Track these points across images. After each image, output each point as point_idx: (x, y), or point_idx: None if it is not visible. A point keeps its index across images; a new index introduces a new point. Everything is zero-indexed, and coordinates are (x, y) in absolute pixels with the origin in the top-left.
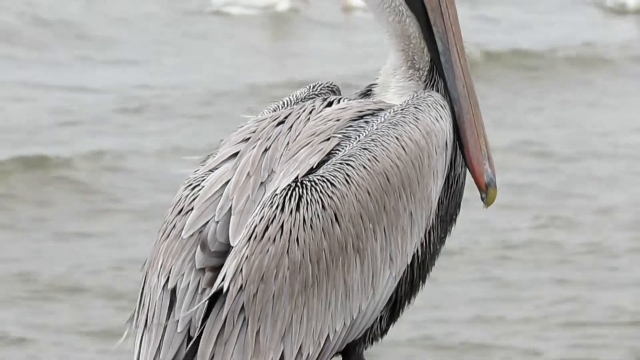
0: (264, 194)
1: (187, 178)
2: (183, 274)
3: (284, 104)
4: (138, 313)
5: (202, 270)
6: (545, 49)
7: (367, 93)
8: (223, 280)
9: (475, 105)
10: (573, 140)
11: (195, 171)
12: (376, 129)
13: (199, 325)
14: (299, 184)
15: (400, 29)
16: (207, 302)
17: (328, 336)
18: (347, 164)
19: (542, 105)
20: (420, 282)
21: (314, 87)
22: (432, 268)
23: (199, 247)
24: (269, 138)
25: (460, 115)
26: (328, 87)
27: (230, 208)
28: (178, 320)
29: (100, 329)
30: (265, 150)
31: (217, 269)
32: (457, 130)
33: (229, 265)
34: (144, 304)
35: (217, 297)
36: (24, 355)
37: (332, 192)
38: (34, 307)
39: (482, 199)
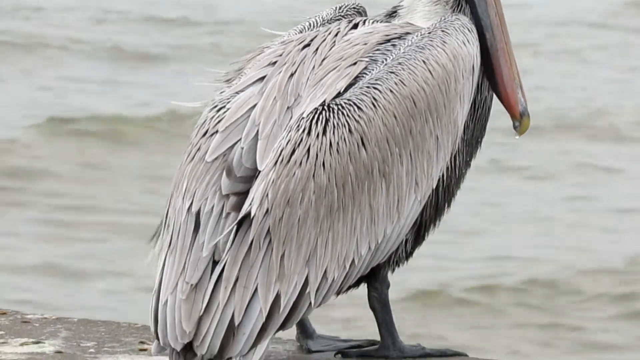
0: (290, 119)
1: (212, 99)
2: (207, 198)
3: (310, 25)
4: (162, 234)
5: (227, 195)
6: None
7: (392, 14)
8: (250, 204)
9: (507, 34)
10: None
11: (221, 92)
12: (403, 52)
13: (226, 249)
14: (325, 107)
15: None
16: (234, 227)
17: (353, 260)
18: (374, 88)
19: None
20: (446, 206)
21: (339, 8)
22: (458, 192)
23: (224, 173)
24: (295, 62)
25: (492, 44)
26: (354, 8)
27: (257, 133)
28: (203, 244)
29: None
30: (292, 74)
31: (241, 194)
32: (489, 58)
33: (257, 190)
34: (168, 225)
35: (242, 222)
36: None
37: (358, 116)
38: None
39: (515, 127)
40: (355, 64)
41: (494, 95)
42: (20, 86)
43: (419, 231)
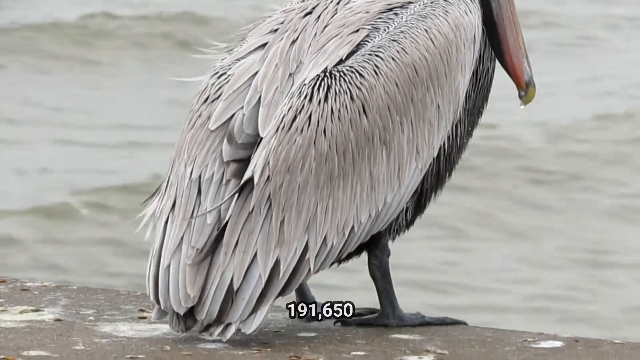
0: (292, 85)
1: (213, 66)
2: (207, 165)
3: None
4: (162, 198)
5: (227, 162)
6: None
7: None
8: (253, 171)
9: (512, 3)
10: None
11: (222, 59)
12: (405, 21)
13: (227, 216)
14: (327, 74)
15: None
16: (236, 194)
17: (353, 227)
18: (376, 56)
19: None
20: (447, 175)
21: None
22: (459, 161)
23: (225, 140)
24: (297, 29)
25: (498, 13)
26: None
27: (259, 100)
28: (206, 210)
29: None
30: (293, 41)
31: (242, 161)
32: (495, 27)
33: (258, 157)
34: (169, 191)
35: (244, 188)
36: None
37: (360, 83)
38: None
39: (521, 97)
40: (357, 31)
41: (498, 65)
42: None
43: (419, 200)
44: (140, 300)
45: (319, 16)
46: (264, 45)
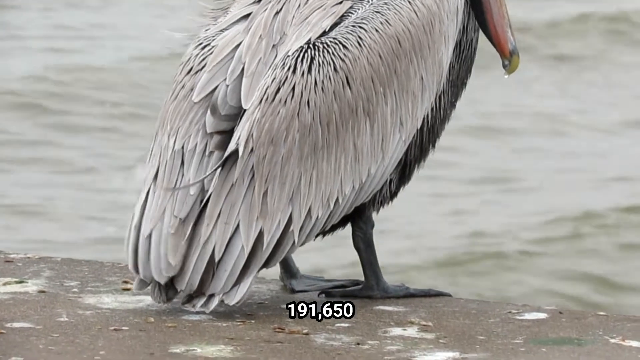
0: (275, 57)
1: (197, 37)
2: (190, 136)
3: None
4: (146, 168)
5: (211, 133)
6: None
7: None
8: (236, 143)
9: None
10: None
11: (206, 30)
12: None
13: (210, 187)
14: (311, 45)
15: None
16: (220, 166)
17: (337, 199)
18: (360, 27)
19: None
20: (430, 147)
21: None
22: (442, 133)
23: (209, 112)
24: (280, 0)
25: None
26: None
27: (242, 71)
28: (189, 182)
29: None
30: (277, 12)
31: (225, 132)
32: None
33: (242, 128)
34: (152, 161)
35: (227, 160)
36: None
37: (344, 54)
38: None
39: (505, 66)
40: (340, 2)
41: (482, 35)
42: None
43: (403, 171)
44: (124, 271)
45: None
46: (248, 15)
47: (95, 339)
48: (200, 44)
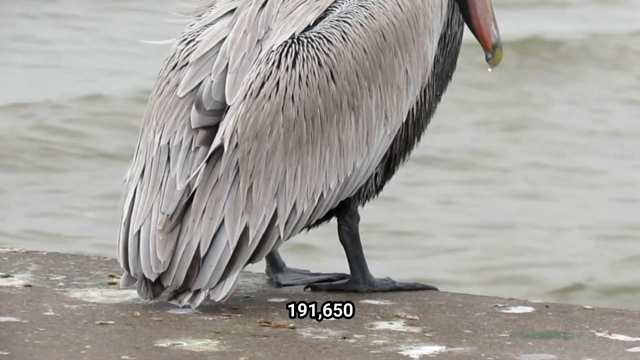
0: (260, 52)
1: (181, 32)
2: (176, 132)
3: None
4: (133, 165)
5: (196, 128)
6: None
7: None
8: (221, 138)
9: None
10: None
11: (191, 25)
12: None
13: (195, 183)
14: (295, 40)
15: None
16: (205, 161)
17: (322, 193)
18: (344, 21)
19: None
20: (415, 140)
21: None
22: (427, 126)
23: (194, 107)
24: None
25: None
26: None
27: (227, 66)
28: (176, 177)
29: None
30: (262, 7)
31: (210, 128)
32: None
33: (227, 124)
34: (139, 158)
35: (212, 155)
36: None
37: (328, 49)
38: None
39: (488, 60)
40: None
41: (466, 29)
42: None
43: (388, 165)
44: (110, 265)
45: None
46: (233, 10)
47: (82, 333)
48: (185, 39)
